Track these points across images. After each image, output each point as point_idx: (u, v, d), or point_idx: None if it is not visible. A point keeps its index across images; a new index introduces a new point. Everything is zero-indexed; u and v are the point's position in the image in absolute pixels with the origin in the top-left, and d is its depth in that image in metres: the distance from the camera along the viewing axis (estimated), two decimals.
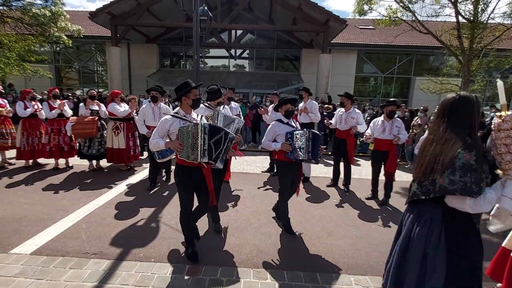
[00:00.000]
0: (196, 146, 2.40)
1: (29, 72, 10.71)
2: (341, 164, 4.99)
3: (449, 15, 7.27)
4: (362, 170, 6.57)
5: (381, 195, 4.42)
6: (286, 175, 3.18)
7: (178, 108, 2.73)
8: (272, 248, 2.95)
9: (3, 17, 9.95)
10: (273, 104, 5.56)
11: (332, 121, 4.99)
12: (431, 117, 4.03)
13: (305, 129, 3.06)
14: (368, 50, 15.27)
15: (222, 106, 3.50)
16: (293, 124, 3.24)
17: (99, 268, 2.49)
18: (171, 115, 2.62)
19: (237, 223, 3.51)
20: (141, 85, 14.81)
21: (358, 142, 9.20)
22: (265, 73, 16.18)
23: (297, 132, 3.04)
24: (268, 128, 3.24)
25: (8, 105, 5.62)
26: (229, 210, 3.92)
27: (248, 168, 6.32)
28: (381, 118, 4.31)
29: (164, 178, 5.08)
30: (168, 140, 2.59)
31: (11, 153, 5.68)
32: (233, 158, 4.76)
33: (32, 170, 5.37)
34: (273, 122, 3.20)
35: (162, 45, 15.85)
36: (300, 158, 3.01)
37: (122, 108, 5.22)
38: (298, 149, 2.99)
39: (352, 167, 4.96)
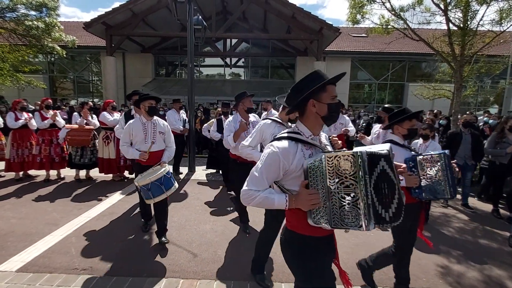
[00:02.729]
0: (339, 198, 1.22)
1: (23, 83, 10.61)
2: None
3: (440, 22, 7.42)
4: None
5: None
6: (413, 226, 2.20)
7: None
8: (269, 260, 2.85)
9: None
10: (266, 112, 5.56)
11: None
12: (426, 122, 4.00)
13: (437, 152, 2.18)
14: (362, 58, 15.50)
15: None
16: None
17: (89, 285, 2.37)
18: (289, 134, 1.40)
19: (232, 234, 3.42)
20: None
21: (354, 147, 9.20)
22: (260, 81, 16.28)
23: (423, 157, 2.15)
24: None
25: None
26: (225, 220, 3.82)
27: None
28: (379, 125, 4.28)
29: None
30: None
31: (0, 165, 5.53)
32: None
33: (22, 182, 5.23)
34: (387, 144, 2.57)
35: (157, 54, 15.91)
36: (438, 197, 2.12)
37: (113, 117, 5.16)
38: (432, 183, 2.09)
39: None
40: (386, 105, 4.33)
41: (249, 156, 2.57)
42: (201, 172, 6.50)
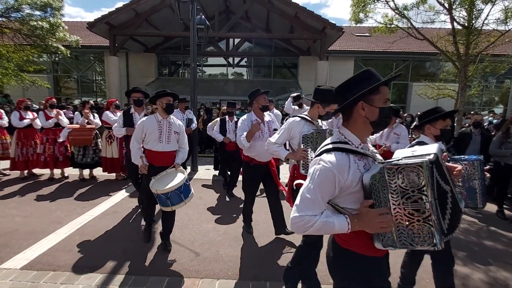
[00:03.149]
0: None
1: (27, 82, 10.70)
2: None
3: (444, 21, 7.34)
4: None
5: None
6: None
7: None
8: (271, 259, 2.85)
9: (1, 28, 10.00)
10: (268, 112, 5.55)
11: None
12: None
13: (473, 157, 2.07)
14: (365, 57, 15.41)
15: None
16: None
17: (92, 283, 2.39)
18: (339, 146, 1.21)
19: (235, 233, 3.42)
20: None
21: None
22: (263, 80, 16.25)
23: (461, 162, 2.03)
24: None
25: (4, 115, 5.57)
26: (227, 219, 3.83)
27: None
28: None
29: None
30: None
31: (5, 164, 5.58)
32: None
33: (26, 181, 5.28)
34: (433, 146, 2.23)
35: (160, 54, 15.95)
36: (468, 205, 2.09)
37: (116, 117, 5.17)
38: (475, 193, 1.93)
39: None
40: (391, 105, 4.29)
41: (275, 153, 2.49)
42: (204, 172, 6.51)
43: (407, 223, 1.06)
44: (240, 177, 3.54)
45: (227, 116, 4.94)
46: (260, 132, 3.06)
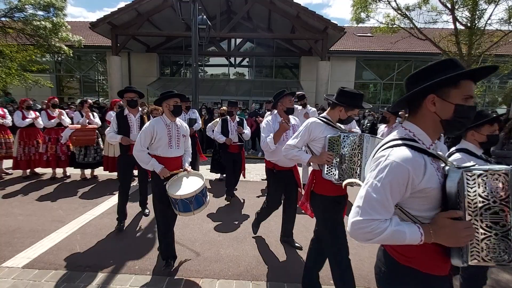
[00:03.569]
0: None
1: (30, 82, 10.77)
2: None
3: (447, 21, 7.34)
4: None
5: None
6: None
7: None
8: (272, 260, 2.85)
9: (5, 28, 10.07)
10: (269, 113, 5.52)
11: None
12: None
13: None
14: (367, 57, 15.36)
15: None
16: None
17: (93, 281, 2.40)
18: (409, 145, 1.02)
19: (236, 233, 3.42)
20: None
21: None
22: (264, 80, 16.26)
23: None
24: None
25: (8, 115, 5.60)
26: (227, 219, 3.83)
27: (248, 176, 6.24)
28: (384, 125, 4.26)
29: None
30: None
31: (8, 163, 5.62)
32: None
33: (29, 180, 5.31)
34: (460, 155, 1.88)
35: (162, 54, 15.99)
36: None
37: None
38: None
39: None
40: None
41: (295, 158, 2.25)
42: (204, 172, 6.52)
43: (482, 236, 0.94)
44: (245, 179, 3.42)
45: (228, 116, 4.74)
46: (285, 135, 2.89)
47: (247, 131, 4.57)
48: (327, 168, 2.05)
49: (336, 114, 2.14)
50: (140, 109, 3.76)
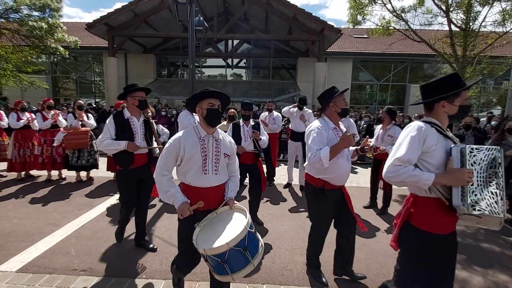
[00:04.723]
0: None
1: (25, 83, 10.68)
2: None
3: (442, 23, 7.38)
4: (360, 178, 6.51)
5: (379, 203, 4.35)
6: None
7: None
8: (268, 262, 2.85)
9: (0, 29, 9.98)
10: (266, 113, 5.52)
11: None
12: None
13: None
14: (363, 59, 15.47)
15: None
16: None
17: (88, 285, 2.38)
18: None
19: None
20: None
21: None
22: (262, 81, 16.29)
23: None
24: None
25: (4, 117, 5.54)
26: None
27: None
28: (380, 126, 4.28)
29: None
30: None
31: (3, 165, 5.56)
32: None
33: (24, 182, 5.26)
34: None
35: (159, 55, 15.97)
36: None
37: None
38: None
39: (350, 174, 4.89)
40: (389, 106, 4.31)
41: (410, 180, 1.50)
42: None
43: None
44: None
45: (241, 120, 3.84)
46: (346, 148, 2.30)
47: (264, 137, 3.80)
48: (461, 191, 1.46)
49: (441, 113, 1.63)
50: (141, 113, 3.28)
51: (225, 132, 2.65)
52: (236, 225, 1.73)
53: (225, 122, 4.87)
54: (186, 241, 1.85)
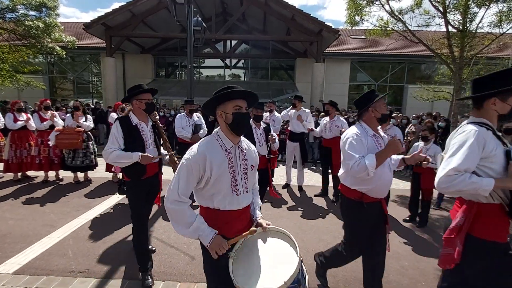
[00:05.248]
0: None
1: (22, 84, 10.61)
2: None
3: (439, 24, 7.42)
4: None
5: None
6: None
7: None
8: None
9: None
10: (267, 114, 5.51)
11: (317, 129, 5.00)
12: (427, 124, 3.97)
13: None
14: (361, 59, 15.52)
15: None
16: None
17: (85, 287, 2.36)
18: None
19: None
20: None
21: None
22: (260, 82, 16.29)
23: None
24: None
25: (1, 117, 5.50)
26: None
27: None
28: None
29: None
30: None
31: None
32: None
33: (20, 183, 5.21)
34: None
35: (157, 55, 15.92)
36: None
37: None
38: None
39: None
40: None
41: (468, 188, 1.39)
42: None
43: None
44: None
45: (252, 121, 3.50)
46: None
47: (277, 139, 3.65)
48: None
49: (490, 112, 1.52)
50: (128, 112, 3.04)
51: None
52: (279, 253, 1.42)
53: None
54: (219, 278, 1.49)
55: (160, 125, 2.73)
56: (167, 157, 2.67)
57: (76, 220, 3.69)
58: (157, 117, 2.72)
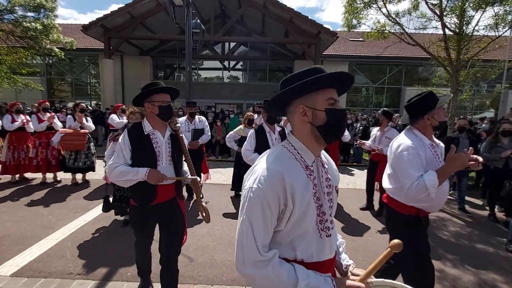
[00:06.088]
0: None
1: (20, 85, 10.57)
2: None
3: (436, 27, 7.49)
4: (357, 180, 6.54)
5: (376, 205, 4.38)
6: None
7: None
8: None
9: None
10: (260, 117, 5.50)
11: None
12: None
13: None
14: (359, 61, 15.62)
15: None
16: None
17: None
18: None
19: (230, 238, 3.41)
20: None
21: (351, 152, 9.24)
22: (258, 84, 16.34)
23: None
24: None
25: None
26: (222, 224, 3.82)
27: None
28: (376, 128, 4.32)
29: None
30: None
31: None
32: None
33: (18, 185, 5.19)
34: None
35: (156, 57, 15.93)
36: None
37: (120, 120, 5.25)
38: None
39: (347, 176, 4.92)
40: (385, 109, 4.35)
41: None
42: (217, 192, 6.48)
43: None
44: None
45: (264, 125, 3.20)
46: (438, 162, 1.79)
47: None
48: None
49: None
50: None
51: (243, 137, 1.87)
52: None
53: (241, 126, 4.39)
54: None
55: (182, 135, 2.09)
56: (189, 180, 2.09)
57: (74, 222, 3.68)
58: (178, 124, 2.09)
